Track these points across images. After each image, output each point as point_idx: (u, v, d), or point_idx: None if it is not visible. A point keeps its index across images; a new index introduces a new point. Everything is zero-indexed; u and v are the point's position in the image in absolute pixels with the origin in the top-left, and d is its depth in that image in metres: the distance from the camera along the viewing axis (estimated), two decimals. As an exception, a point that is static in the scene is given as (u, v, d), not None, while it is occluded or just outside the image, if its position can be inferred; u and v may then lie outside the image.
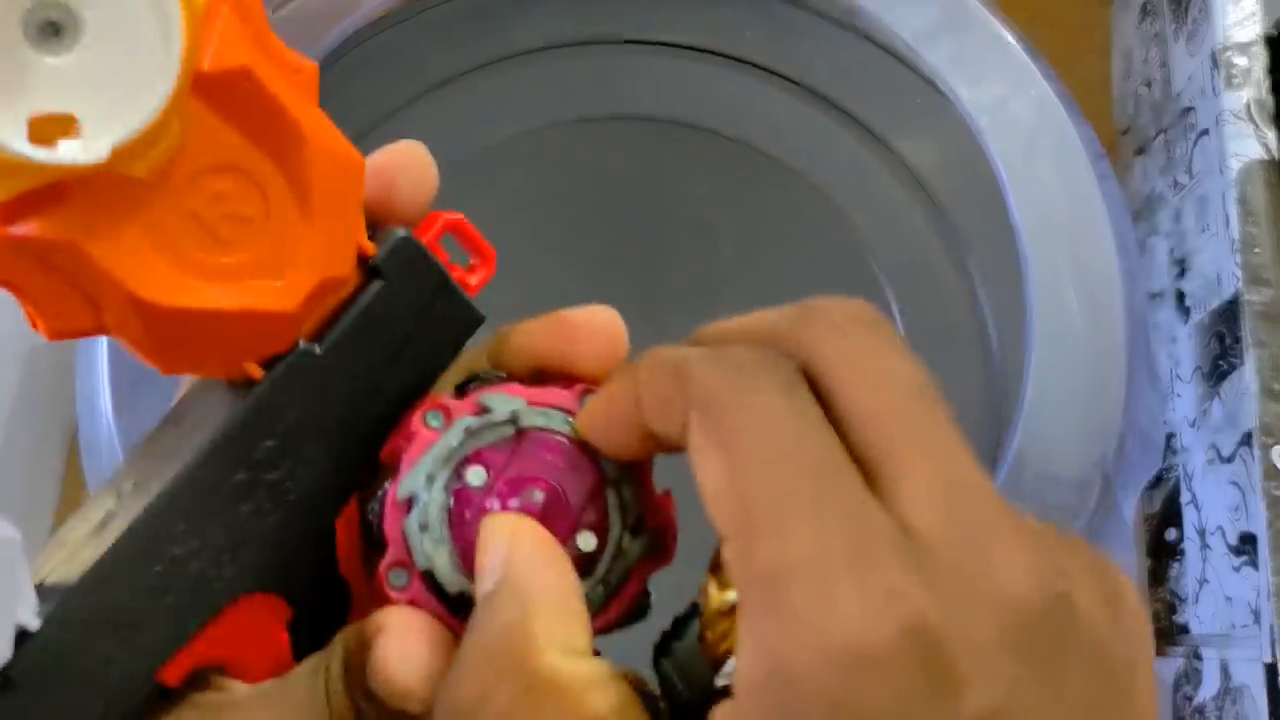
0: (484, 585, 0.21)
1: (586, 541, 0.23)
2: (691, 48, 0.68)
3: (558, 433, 0.24)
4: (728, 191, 0.67)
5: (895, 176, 0.65)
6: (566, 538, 0.23)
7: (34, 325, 0.21)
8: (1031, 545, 0.17)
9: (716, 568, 0.20)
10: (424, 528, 0.23)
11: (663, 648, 0.22)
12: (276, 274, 0.22)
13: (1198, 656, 0.52)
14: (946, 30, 0.56)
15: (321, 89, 0.22)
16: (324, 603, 0.24)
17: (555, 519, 0.23)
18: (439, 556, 0.23)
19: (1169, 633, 0.55)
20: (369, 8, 0.57)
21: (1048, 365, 0.51)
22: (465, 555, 0.23)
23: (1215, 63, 0.54)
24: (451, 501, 0.23)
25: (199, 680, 0.23)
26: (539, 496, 0.23)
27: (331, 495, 0.24)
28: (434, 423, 0.24)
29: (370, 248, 0.24)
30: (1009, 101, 0.54)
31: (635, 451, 0.23)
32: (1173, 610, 0.55)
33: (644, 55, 0.68)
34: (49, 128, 0.18)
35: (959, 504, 0.17)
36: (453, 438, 0.23)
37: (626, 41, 0.68)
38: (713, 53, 0.67)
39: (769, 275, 0.64)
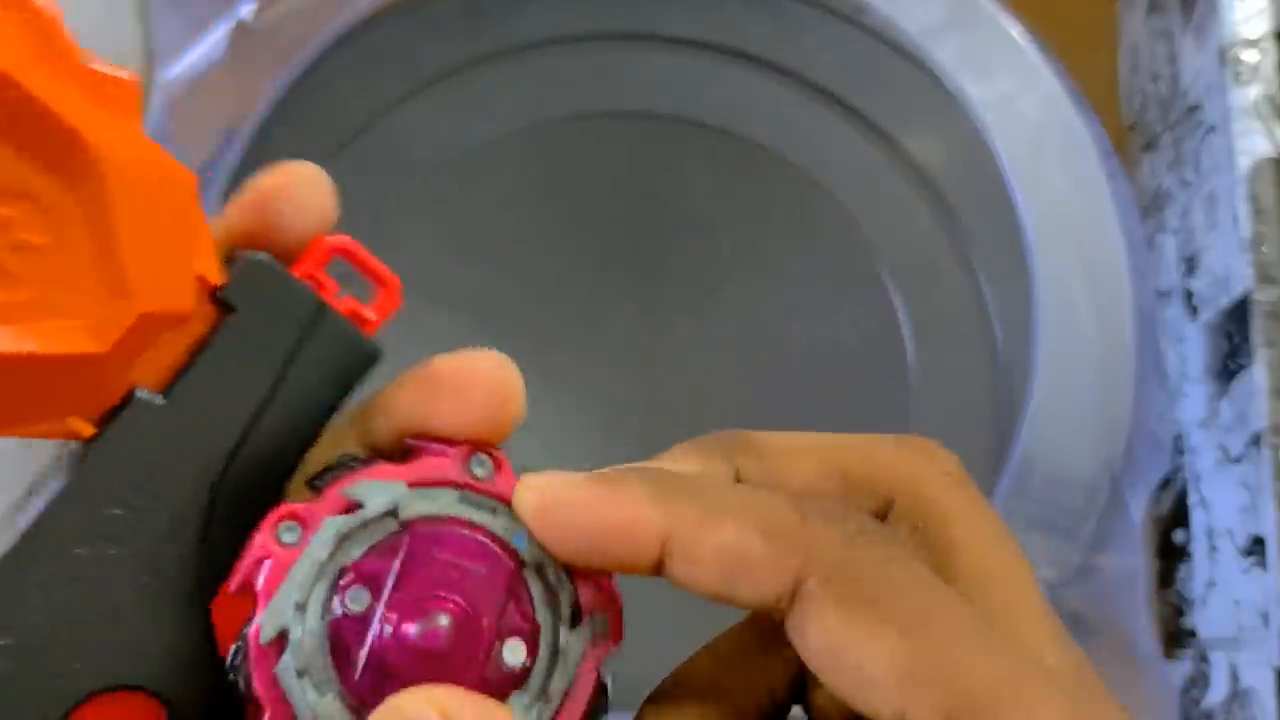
0: None
1: (514, 654, 0.19)
2: (693, 42, 0.67)
3: (451, 518, 0.20)
4: (729, 188, 0.66)
5: (900, 174, 0.65)
6: (486, 658, 0.19)
7: None
8: None
9: None
10: (302, 673, 0.19)
11: None
12: (77, 312, 0.19)
13: (1206, 660, 0.52)
14: (953, 26, 0.55)
15: (316, 86, 0.21)
16: (211, 701, 0.20)
17: (468, 641, 0.19)
18: (326, 707, 0.19)
19: (1177, 636, 0.55)
20: (364, 3, 0.57)
21: (1055, 364, 0.51)
22: (360, 701, 0.19)
23: (1223, 59, 0.54)
24: (329, 636, 0.19)
25: None
26: (444, 622, 0.19)
27: (198, 572, 0.20)
28: (288, 538, 0.19)
29: (217, 277, 0.21)
30: (1016, 98, 0.54)
31: (611, 566, 0.19)
32: (1181, 613, 0.55)
33: (644, 50, 0.67)
34: None
35: (1074, 661, 0.19)
36: (318, 549, 0.19)
37: (626, 36, 0.67)
38: (715, 48, 0.67)
39: (771, 273, 0.63)
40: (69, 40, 0.19)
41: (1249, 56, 0.54)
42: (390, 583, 0.19)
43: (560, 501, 0.19)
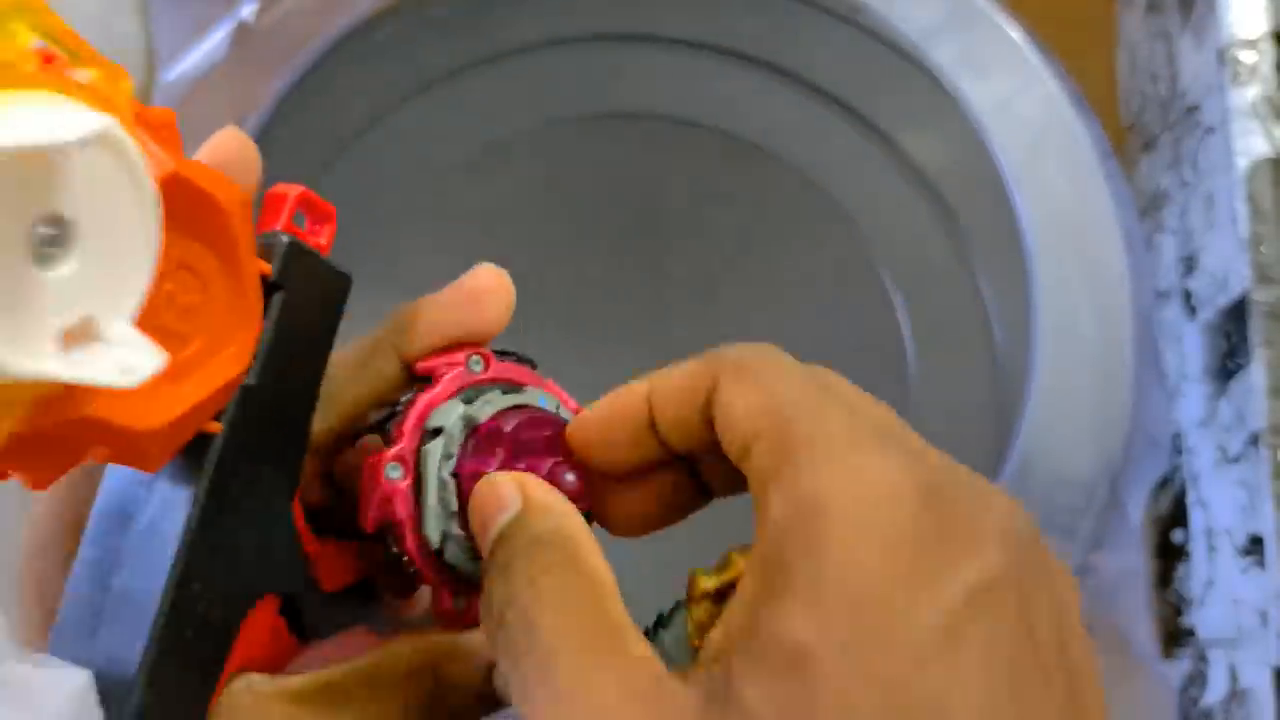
0: (503, 515, 0.23)
1: (572, 480, 0.25)
2: (693, 44, 0.67)
3: (512, 408, 0.26)
4: (729, 189, 0.66)
5: (900, 174, 0.65)
6: (560, 484, 0.25)
7: (26, 484, 0.21)
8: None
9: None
10: (466, 543, 0.25)
11: (651, 635, 0.23)
12: (227, 343, 0.23)
13: (1204, 659, 0.52)
14: (952, 27, 0.56)
15: (317, 87, 0.23)
16: (303, 593, 0.26)
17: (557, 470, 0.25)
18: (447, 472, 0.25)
19: (1176, 635, 0.55)
20: (365, 4, 0.57)
21: (1054, 364, 0.51)
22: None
23: (1222, 59, 0.54)
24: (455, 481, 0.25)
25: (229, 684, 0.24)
26: (552, 467, 0.25)
27: (288, 488, 0.25)
28: (395, 474, 0.25)
29: (266, 268, 0.24)
30: (1015, 99, 0.54)
31: (624, 456, 0.25)
32: (1179, 612, 0.55)
33: (645, 51, 0.68)
34: (75, 338, 0.18)
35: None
36: (435, 467, 0.25)
37: (627, 38, 0.68)
38: (715, 49, 0.67)
39: (770, 273, 0.64)
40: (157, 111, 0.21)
41: (1247, 57, 0.54)
42: (500, 456, 0.25)
43: (581, 425, 0.26)
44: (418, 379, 0.27)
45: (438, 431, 0.25)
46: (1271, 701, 0.46)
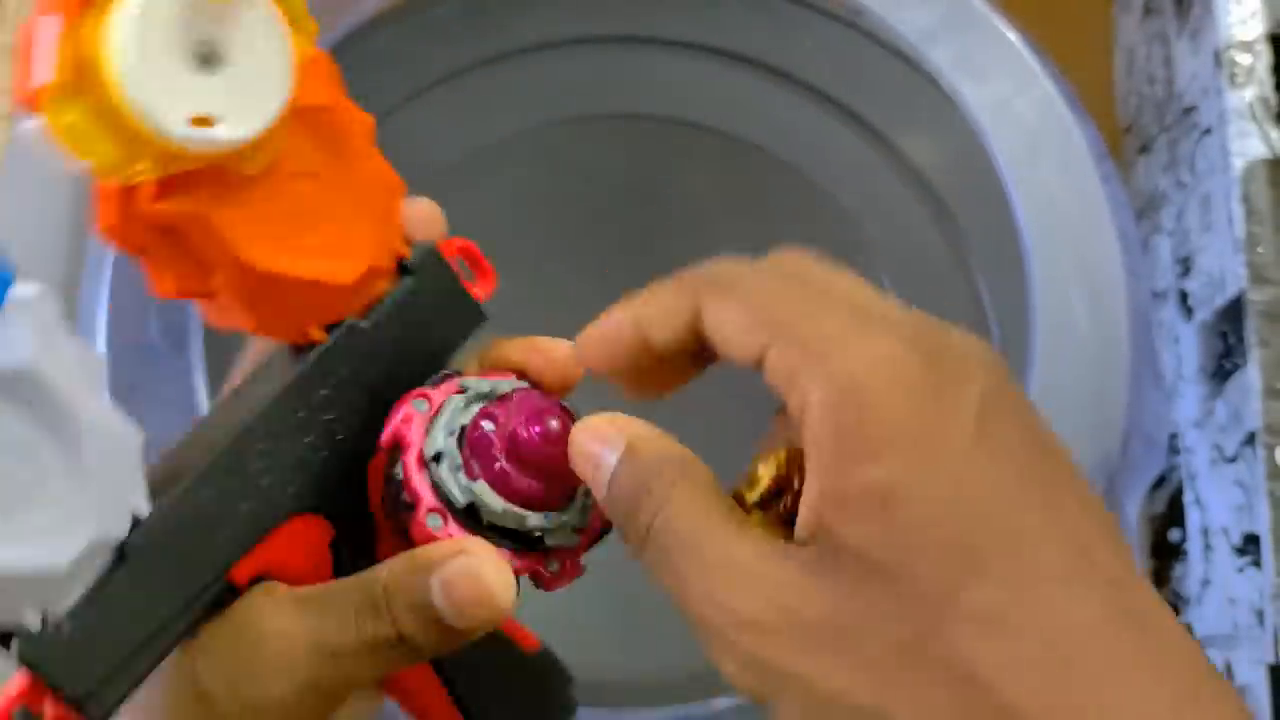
0: (611, 455, 0.27)
1: None
2: (692, 45, 0.68)
3: (526, 388, 0.30)
4: (729, 190, 0.66)
5: (898, 176, 0.65)
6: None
7: (155, 288, 0.28)
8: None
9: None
10: (452, 471, 0.28)
11: None
12: (339, 256, 0.29)
13: (1201, 658, 0.52)
14: (950, 29, 0.56)
15: None
16: (357, 533, 0.30)
17: (563, 444, 0.28)
18: (478, 486, 0.28)
19: (1172, 634, 0.55)
20: (368, 6, 0.57)
21: (1051, 364, 0.51)
22: (499, 487, 0.28)
23: (1218, 61, 0.54)
24: (467, 448, 0.28)
25: (258, 585, 0.28)
26: (554, 423, 0.28)
27: (367, 440, 0.29)
28: (421, 407, 0.29)
29: (406, 253, 0.31)
30: (1013, 101, 0.54)
31: (621, 364, 0.29)
32: (1176, 611, 0.55)
33: (645, 53, 0.68)
34: (200, 125, 0.25)
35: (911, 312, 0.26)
36: (453, 405, 0.29)
37: (626, 39, 0.68)
38: (714, 51, 0.67)
39: (770, 274, 0.64)
40: (344, 89, 0.29)
41: (1243, 59, 0.54)
42: (511, 412, 0.29)
43: (585, 337, 0.30)
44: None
45: (464, 390, 0.30)
46: (1267, 699, 0.47)
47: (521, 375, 0.31)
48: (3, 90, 0.52)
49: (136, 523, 0.26)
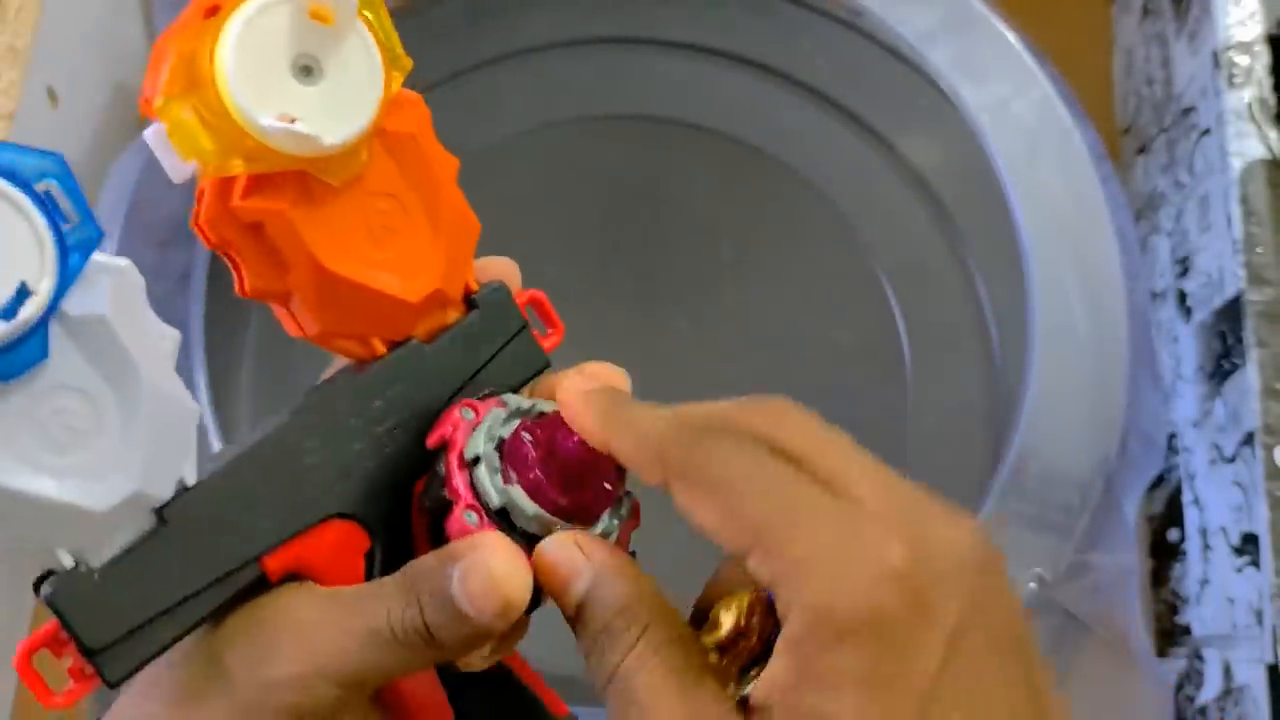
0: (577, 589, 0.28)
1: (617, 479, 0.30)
2: (693, 47, 0.68)
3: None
4: (728, 191, 0.67)
5: (897, 177, 0.65)
6: (600, 475, 0.30)
7: (238, 286, 0.29)
8: (951, 520, 0.26)
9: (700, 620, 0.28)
10: (490, 474, 0.29)
11: None
12: (408, 274, 0.30)
13: (1200, 657, 0.52)
14: (949, 30, 0.56)
15: None
16: (393, 548, 0.30)
17: (595, 459, 0.29)
18: (513, 491, 0.29)
19: (1171, 633, 0.55)
20: (369, 7, 0.57)
21: (1050, 365, 0.51)
22: (532, 494, 0.29)
23: (1217, 62, 0.54)
24: (505, 455, 0.29)
25: (291, 580, 0.29)
26: (587, 445, 0.29)
27: (413, 460, 0.30)
28: (468, 415, 0.30)
29: (475, 287, 0.32)
30: (1012, 102, 0.54)
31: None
32: (1175, 611, 0.55)
33: (645, 54, 0.68)
34: (285, 119, 0.27)
35: (896, 492, 0.26)
36: (495, 416, 0.30)
37: (627, 41, 0.68)
38: (714, 52, 0.67)
39: (769, 275, 0.64)
40: (433, 131, 0.31)
41: (1242, 60, 0.54)
42: (548, 428, 0.29)
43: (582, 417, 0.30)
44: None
45: (506, 405, 0.31)
46: (1266, 698, 0.47)
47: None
48: (3, 90, 0.52)
49: (182, 492, 0.27)
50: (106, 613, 0.26)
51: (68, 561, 0.26)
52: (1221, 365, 0.52)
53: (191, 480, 0.27)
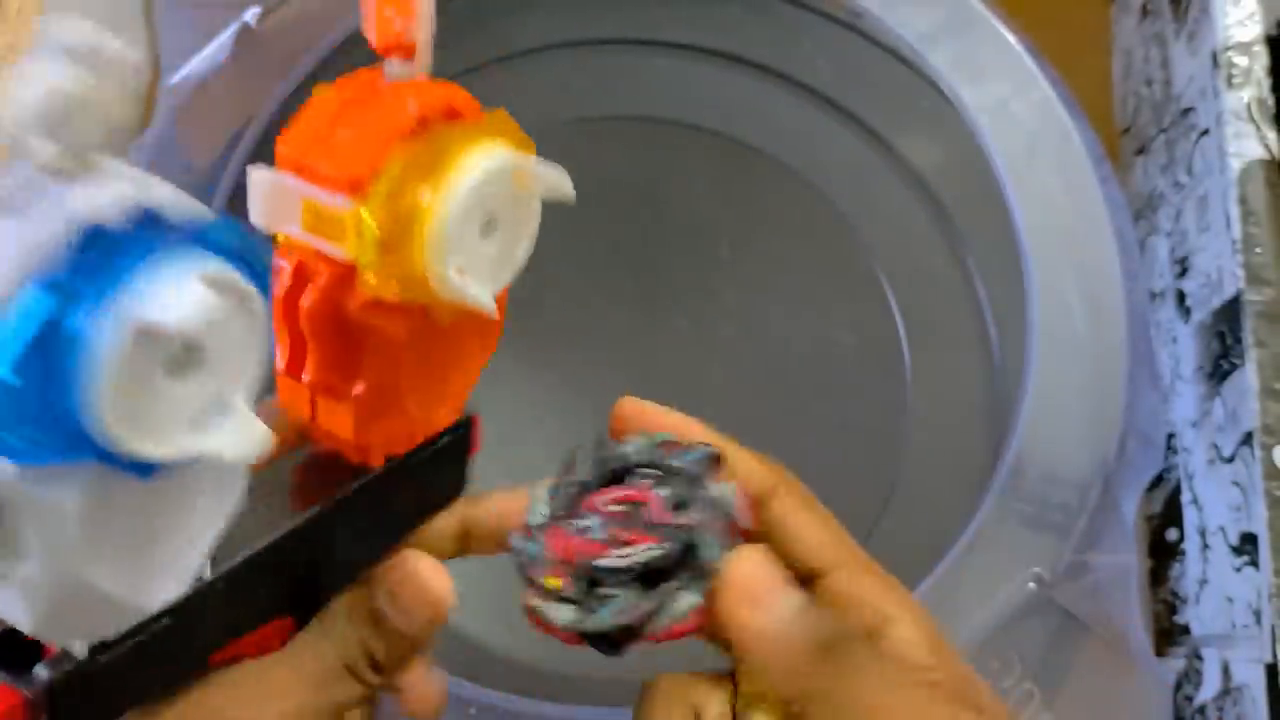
0: None
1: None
2: (693, 48, 0.68)
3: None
4: (728, 192, 0.67)
5: (897, 177, 0.65)
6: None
7: (287, 366, 0.29)
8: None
9: None
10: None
11: None
12: (445, 405, 0.31)
13: (1199, 657, 0.52)
14: (949, 31, 0.56)
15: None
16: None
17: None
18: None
19: (1170, 633, 0.55)
20: (370, 8, 0.57)
21: (1049, 365, 0.51)
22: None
23: (1216, 62, 0.55)
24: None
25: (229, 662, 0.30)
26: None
27: (349, 557, 0.31)
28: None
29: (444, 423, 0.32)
30: (1011, 103, 0.54)
31: None
32: (1173, 610, 0.55)
33: (645, 55, 0.68)
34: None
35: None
36: (541, 498, 0.31)
37: (628, 42, 0.68)
38: (714, 53, 0.68)
39: (769, 275, 0.64)
40: None
41: (1241, 60, 0.54)
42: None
43: None
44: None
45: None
46: (1264, 698, 0.47)
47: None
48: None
49: (184, 596, 0.27)
50: (89, 707, 0.26)
51: (81, 651, 0.25)
52: (1220, 365, 0.52)
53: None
